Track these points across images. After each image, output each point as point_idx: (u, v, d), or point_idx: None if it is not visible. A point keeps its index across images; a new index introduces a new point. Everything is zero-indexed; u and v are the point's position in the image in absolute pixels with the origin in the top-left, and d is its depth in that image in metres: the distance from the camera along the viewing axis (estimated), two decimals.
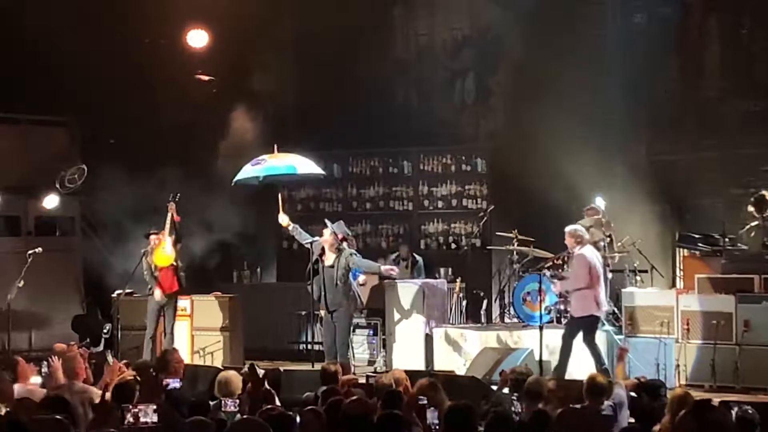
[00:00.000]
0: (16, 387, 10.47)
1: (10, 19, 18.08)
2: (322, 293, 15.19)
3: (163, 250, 16.55)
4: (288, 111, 20.30)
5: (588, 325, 14.55)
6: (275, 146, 16.03)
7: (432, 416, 8.49)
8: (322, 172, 16.64)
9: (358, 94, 20.14)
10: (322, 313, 15.45)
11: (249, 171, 15.90)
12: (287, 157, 16.07)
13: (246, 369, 10.40)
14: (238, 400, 9.28)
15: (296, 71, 20.40)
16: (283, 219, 15.93)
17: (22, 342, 16.61)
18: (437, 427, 8.41)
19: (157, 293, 16.53)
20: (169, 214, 16.55)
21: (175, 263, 16.66)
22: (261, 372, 10.29)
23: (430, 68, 21.31)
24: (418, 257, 18.95)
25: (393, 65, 21.47)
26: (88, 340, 18.76)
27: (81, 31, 17.60)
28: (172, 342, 16.38)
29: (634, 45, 18.79)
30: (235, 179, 16.07)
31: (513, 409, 9.69)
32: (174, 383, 10.26)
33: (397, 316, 16.85)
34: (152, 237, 16.76)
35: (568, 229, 14.82)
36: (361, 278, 16.34)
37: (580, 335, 14.44)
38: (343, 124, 19.97)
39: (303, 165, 16.04)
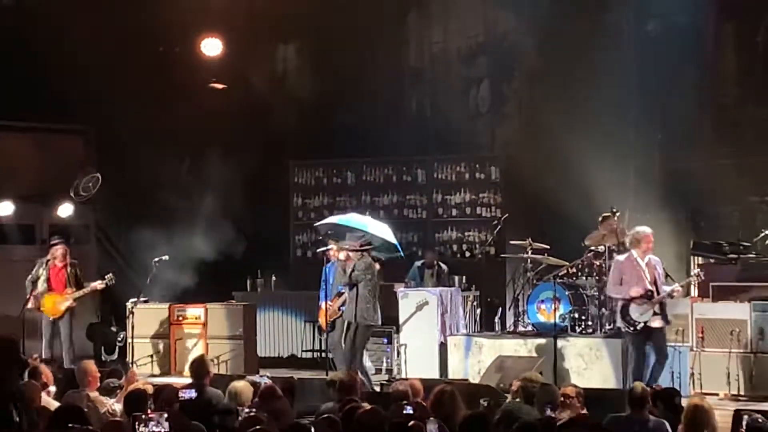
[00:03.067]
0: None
1: (26, 28, 18.13)
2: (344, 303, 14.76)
3: (60, 303, 16.70)
4: (302, 119, 20.28)
5: None
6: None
7: (433, 428, 8.09)
8: (399, 249, 15.34)
9: (372, 102, 20.12)
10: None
11: (331, 219, 15.85)
12: (368, 220, 15.63)
13: (256, 378, 10.40)
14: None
15: (310, 79, 20.40)
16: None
17: (36, 350, 16.58)
18: None
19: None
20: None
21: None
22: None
23: (444, 76, 21.27)
24: (443, 265, 18.36)
25: (407, 73, 21.46)
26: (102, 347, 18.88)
27: (96, 39, 17.62)
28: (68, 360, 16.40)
29: (649, 53, 18.75)
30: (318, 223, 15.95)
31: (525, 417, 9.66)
32: (189, 394, 10.15)
33: (411, 324, 16.81)
34: (57, 248, 16.84)
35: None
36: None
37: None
38: (357, 132, 19.92)
39: (378, 228, 15.21)
